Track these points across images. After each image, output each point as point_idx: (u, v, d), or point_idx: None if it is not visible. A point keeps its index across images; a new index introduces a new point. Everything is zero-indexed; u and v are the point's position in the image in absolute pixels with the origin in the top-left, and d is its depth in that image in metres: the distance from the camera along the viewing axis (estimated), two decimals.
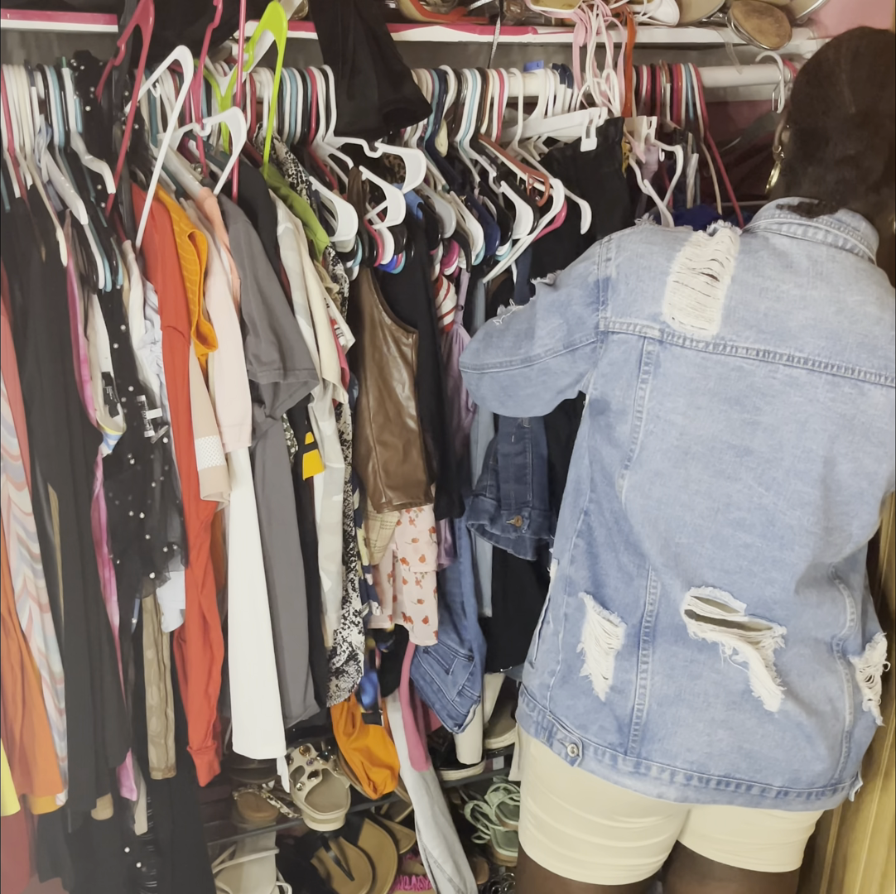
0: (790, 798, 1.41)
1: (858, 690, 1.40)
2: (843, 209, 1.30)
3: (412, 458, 1.62)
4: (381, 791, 2.01)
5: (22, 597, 1.45)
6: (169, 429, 1.47)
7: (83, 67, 1.49)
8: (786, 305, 1.27)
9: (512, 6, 1.72)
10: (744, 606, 1.35)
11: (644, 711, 1.38)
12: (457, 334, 1.69)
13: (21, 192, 1.46)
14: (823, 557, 1.35)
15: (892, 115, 1.26)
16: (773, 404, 1.28)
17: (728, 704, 1.37)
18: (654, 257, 1.30)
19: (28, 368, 1.39)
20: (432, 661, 1.87)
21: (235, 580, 1.54)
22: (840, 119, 1.27)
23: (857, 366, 1.26)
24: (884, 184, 1.29)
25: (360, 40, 1.56)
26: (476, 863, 2.17)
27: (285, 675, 1.59)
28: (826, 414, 1.27)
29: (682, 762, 1.37)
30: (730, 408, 1.29)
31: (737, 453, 1.30)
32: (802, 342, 1.26)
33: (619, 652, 1.39)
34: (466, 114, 1.72)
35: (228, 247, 1.44)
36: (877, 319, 1.26)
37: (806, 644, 1.37)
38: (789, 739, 1.37)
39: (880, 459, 1.29)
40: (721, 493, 1.32)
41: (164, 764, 1.62)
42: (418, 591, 1.74)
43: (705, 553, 1.34)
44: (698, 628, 1.35)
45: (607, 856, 1.53)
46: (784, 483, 1.30)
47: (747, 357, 1.27)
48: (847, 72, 1.28)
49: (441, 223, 1.61)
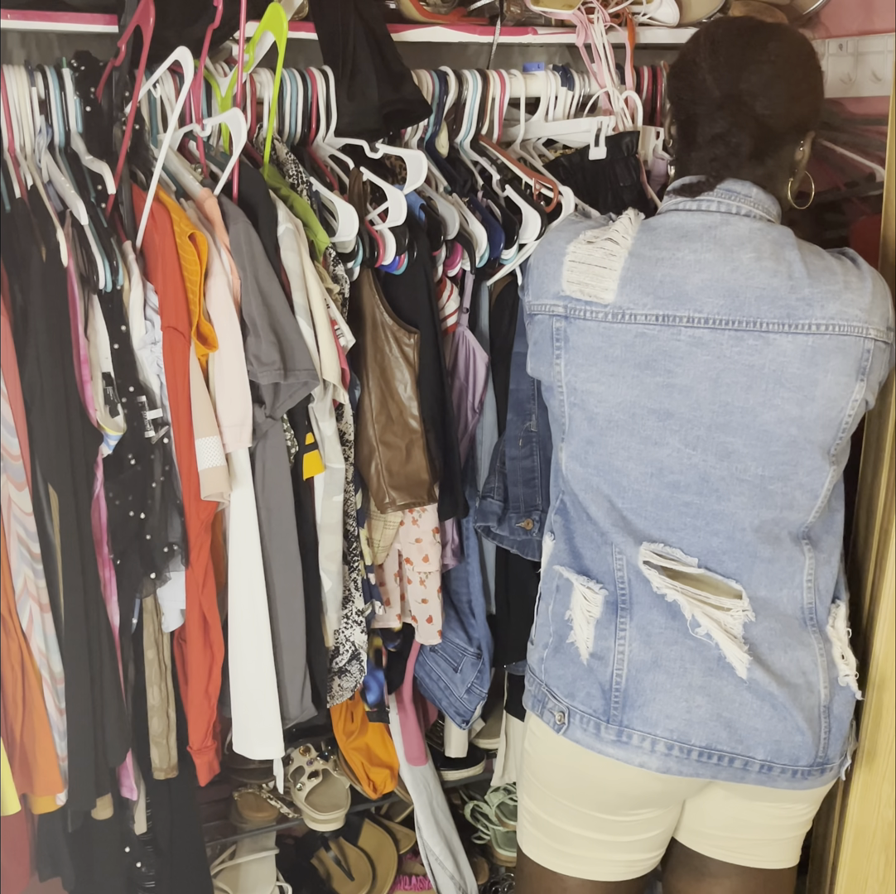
0: (774, 774, 1.40)
1: (834, 665, 1.41)
2: (733, 180, 1.36)
3: (415, 459, 1.63)
4: (380, 791, 2.01)
5: (22, 597, 1.45)
6: (169, 429, 1.47)
7: (83, 67, 1.49)
8: (681, 271, 1.32)
9: (512, 7, 1.73)
10: (695, 561, 1.39)
11: (623, 677, 1.41)
12: (463, 337, 1.70)
13: (21, 193, 1.46)
14: (773, 508, 1.37)
15: (752, 93, 1.33)
16: (683, 365, 1.33)
17: (705, 670, 1.39)
18: (557, 242, 1.40)
19: (28, 368, 1.39)
20: (439, 659, 1.88)
21: (235, 580, 1.54)
22: (706, 104, 1.35)
23: (758, 318, 1.30)
24: (767, 154, 1.36)
25: (360, 41, 1.56)
26: (476, 863, 2.17)
27: (283, 676, 1.59)
28: (735, 367, 1.32)
29: (663, 730, 1.39)
30: (641, 373, 1.34)
31: (658, 418, 1.35)
32: (701, 303, 1.31)
33: (599, 619, 1.43)
34: (467, 115, 1.73)
35: (229, 248, 1.44)
36: (773, 272, 1.31)
37: (776, 618, 1.39)
38: (767, 709, 1.38)
39: (801, 403, 1.32)
40: (652, 458, 1.37)
41: (166, 764, 1.62)
42: (422, 591, 1.75)
43: (649, 515, 1.39)
44: (661, 582, 1.39)
45: (602, 851, 1.53)
46: (708, 439, 1.34)
47: (647, 323, 1.33)
48: (706, 59, 1.35)
49: (444, 225, 1.61)
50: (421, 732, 2.01)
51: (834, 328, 1.30)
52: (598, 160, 1.74)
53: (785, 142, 1.37)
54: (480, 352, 1.70)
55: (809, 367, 1.31)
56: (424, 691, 1.93)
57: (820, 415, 1.33)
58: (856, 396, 1.33)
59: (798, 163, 1.40)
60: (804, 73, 1.37)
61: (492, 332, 1.73)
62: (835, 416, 1.33)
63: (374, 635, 1.80)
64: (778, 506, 1.37)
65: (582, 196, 1.69)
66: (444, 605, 1.78)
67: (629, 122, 1.78)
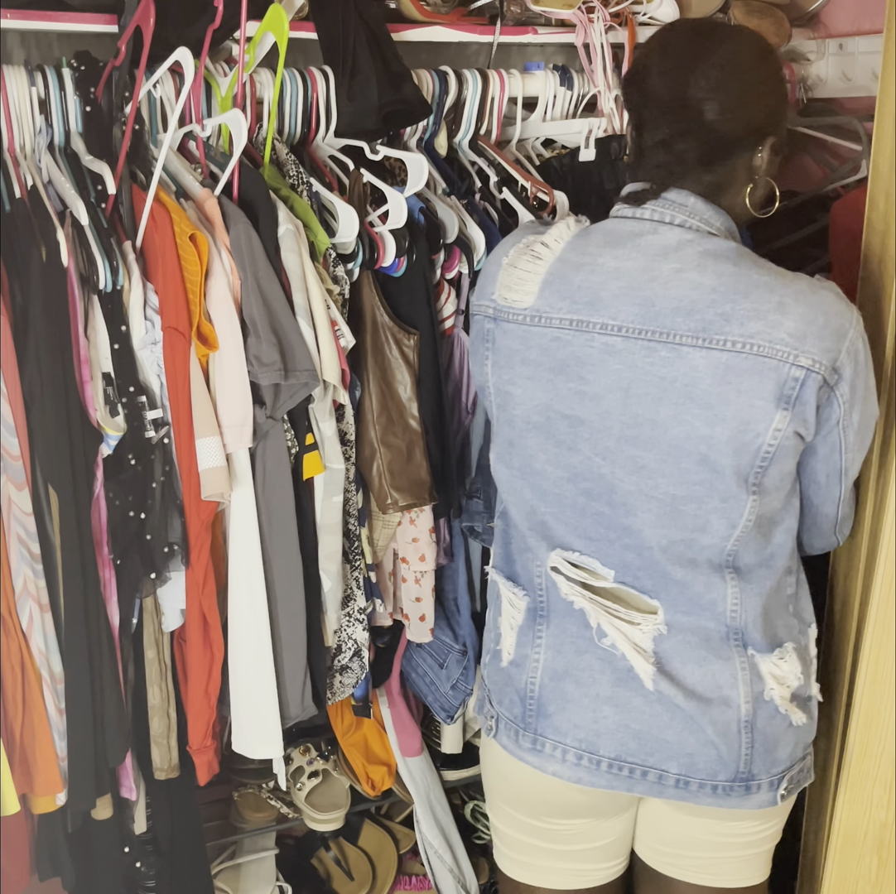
0: (693, 788, 1.37)
1: (760, 680, 1.36)
2: (674, 189, 1.31)
3: (416, 459, 1.63)
4: (379, 788, 2.01)
5: (22, 597, 1.45)
6: (170, 429, 1.47)
7: (83, 68, 1.49)
8: (600, 277, 1.29)
9: (512, 6, 1.73)
10: (612, 573, 1.36)
11: (536, 685, 1.41)
12: (458, 338, 1.70)
13: (21, 193, 1.46)
14: (683, 530, 1.30)
15: (699, 98, 1.27)
16: (595, 373, 1.29)
17: (614, 681, 1.37)
18: (504, 246, 1.39)
19: (28, 368, 1.39)
20: (426, 656, 1.89)
21: (235, 580, 1.54)
22: (653, 108, 1.30)
23: (672, 329, 1.25)
24: (716, 161, 1.30)
25: (360, 41, 1.56)
26: (476, 863, 2.17)
27: (283, 676, 1.59)
28: (646, 378, 1.26)
29: (572, 740, 1.39)
30: (555, 378, 1.32)
31: (570, 423, 1.32)
32: (616, 310, 1.27)
33: (521, 626, 1.43)
34: (466, 115, 1.73)
35: (229, 249, 1.44)
36: (695, 284, 1.25)
37: (694, 632, 1.35)
38: (678, 722, 1.35)
39: (711, 422, 1.25)
40: (567, 463, 1.34)
41: (167, 765, 1.62)
42: (417, 590, 1.75)
43: (569, 521, 1.36)
44: (569, 589, 1.37)
45: (551, 860, 1.53)
46: (617, 451, 1.30)
47: (562, 327, 1.30)
48: (656, 63, 1.31)
49: (443, 228, 1.61)
50: (415, 723, 2.01)
51: (752, 347, 1.22)
52: (587, 162, 1.73)
53: (738, 148, 1.30)
54: None
55: (721, 386, 1.23)
56: (411, 686, 1.95)
57: (731, 437, 1.25)
58: (777, 425, 1.24)
59: (757, 169, 1.33)
60: (757, 78, 1.29)
61: None
62: (749, 441, 1.25)
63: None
64: (689, 527, 1.30)
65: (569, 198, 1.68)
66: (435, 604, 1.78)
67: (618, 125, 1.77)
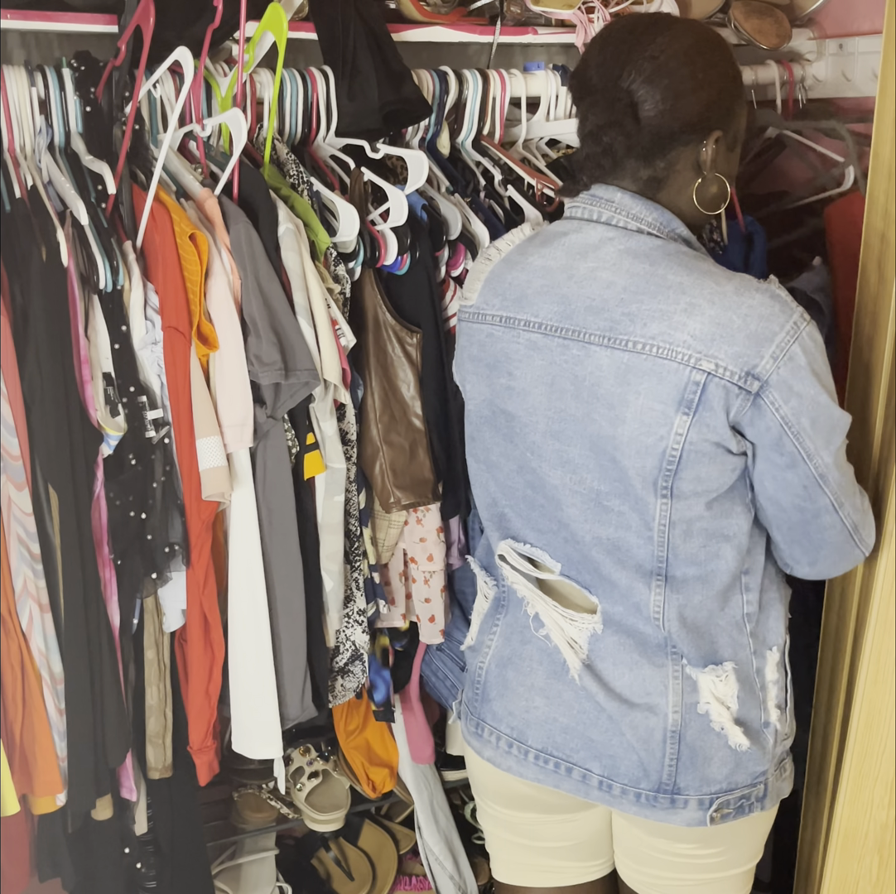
0: (615, 792, 1.35)
1: (695, 691, 1.32)
2: (602, 185, 1.31)
3: (419, 458, 1.63)
4: (380, 790, 2.01)
5: (22, 598, 1.45)
6: (170, 429, 1.47)
7: (83, 68, 1.49)
8: (528, 275, 1.33)
9: (512, 7, 1.73)
10: (559, 566, 1.38)
11: (484, 671, 1.46)
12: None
13: (21, 193, 1.46)
14: (608, 526, 1.30)
15: (632, 90, 1.25)
16: (521, 368, 1.32)
17: (550, 673, 1.39)
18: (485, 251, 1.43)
19: (28, 368, 1.39)
20: (446, 659, 1.88)
21: (236, 580, 1.54)
22: (588, 100, 1.29)
23: (583, 328, 1.26)
24: (654, 155, 1.28)
25: (360, 41, 1.56)
26: (476, 864, 2.17)
27: (283, 676, 1.59)
28: (564, 375, 1.28)
29: (506, 727, 1.42)
30: (491, 373, 1.36)
31: (507, 418, 1.35)
32: (538, 308, 1.30)
33: (485, 614, 1.49)
34: (468, 115, 1.73)
35: (229, 248, 1.44)
36: (608, 283, 1.25)
37: (630, 634, 1.34)
38: (604, 722, 1.35)
39: (613, 422, 1.25)
40: (513, 456, 1.37)
41: (161, 764, 1.62)
42: (426, 590, 1.75)
43: (521, 513, 1.39)
44: (513, 577, 1.40)
45: (528, 856, 1.54)
46: (543, 445, 1.32)
47: (494, 324, 1.35)
48: (595, 56, 1.30)
49: (446, 225, 1.61)
50: (429, 731, 2.01)
51: (652, 349, 1.21)
52: None
53: (677, 142, 1.27)
54: None
55: (621, 386, 1.23)
56: (431, 690, 1.93)
57: (633, 438, 1.24)
58: (678, 430, 1.21)
59: (704, 164, 1.29)
60: (693, 69, 1.25)
61: None
62: (652, 444, 1.23)
63: (381, 634, 1.80)
64: (613, 524, 1.30)
65: None
66: (448, 605, 1.78)
67: None
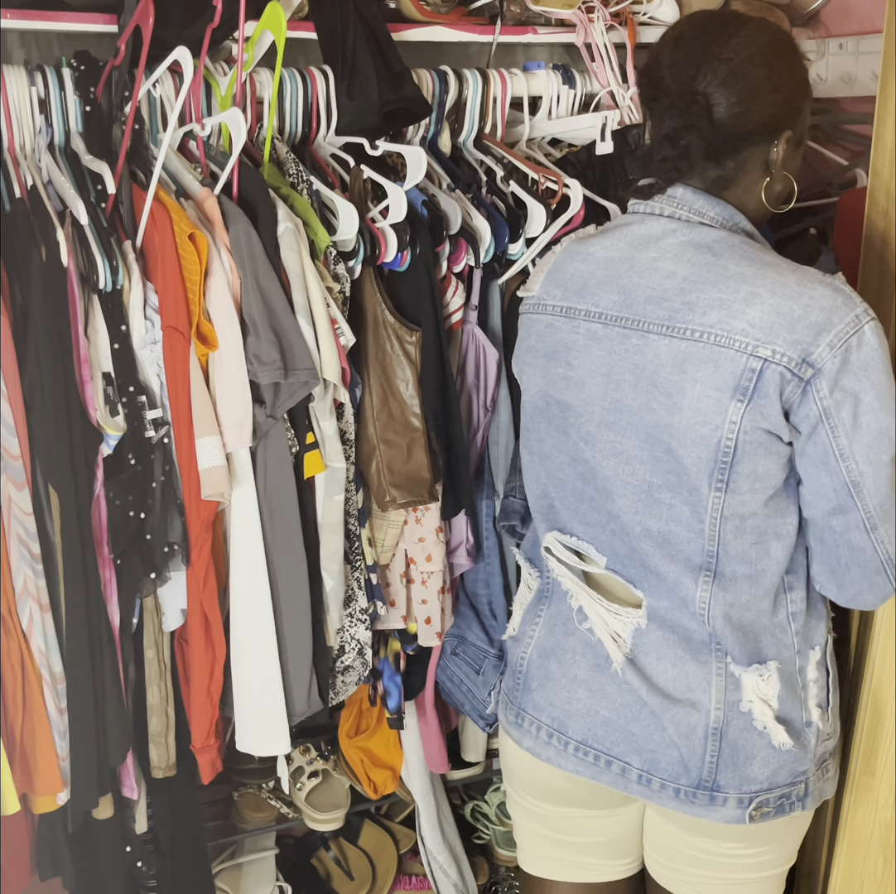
0: (654, 787, 1.36)
1: (738, 689, 1.33)
2: (678, 186, 1.31)
3: (416, 457, 1.62)
4: (381, 791, 2.00)
5: (22, 597, 1.45)
6: (169, 429, 1.47)
7: (83, 67, 1.49)
8: (589, 266, 1.35)
9: (512, 6, 1.73)
10: (605, 559, 1.39)
11: (526, 661, 1.46)
12: (472, 334, 1.68)
13: (21, 192, 1.46)
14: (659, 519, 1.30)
15: (707, 92, 1.26)
16: (580, 358, 1.33)
17: (593, 665, 1.40)
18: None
19: (28, 368, 1.39)
20: (461, 663, 1.85)
21: (238, 579, 1.54)
22: (662, 102, 1.29)
23: (643, 317, 1.28)
24: (726, 156, 1.29)
25: (359, 40, 1.56)
26: (476, 863, 2.17)
27: (289, 673, 1.59)
28: (623, 365, 1.30)
29: (546, 717, 1.42)
30: (548, 363, 1.37)
31: (560, 408, 1.37)
32: (598, 298, 1.32)
33: (528, 605, 1.50)
34: (468, 114, 1.73)
35: (229, 248, 1.44)
36: (668, 273, 1.27)
37: (675, 630, 1.34)
38: (646, 716, 1.35)
39: (671, 411, 1.26)
40: (565, 447, 1.38)
41: (164, 763, 1.62)
42: (423, 592, 1.74)
43: (570, 505, 1.40)
44: (559, 569, 1.41)
45: (556, 850, 1.55)
46: (597, 435, 1.33)
47: (554, 314, 1.37)
48: (667, 56, 1.29)
49: (446, 219, 1.61)
50: (443, 739, 1.99)
51: (710, 337, 1.22)
52: (605, 155, 1.74)
53: (749, 142, 1.29)
54: (491, 350, 1.68)
55: (678, 374, 1.25)
56: (447, 696, 1.90)
57: (689, 427, 1.25)
58: (732, 418, 1.22)
59: (773, 163, 1.31)
60: (769, 71, 1.26)
61: (505, 331, 1.71)
62: (708, 434, 1.24)
63: (392, 638, 1.79)
64: (664, 517, 1.30)
65: (592, 192, 1.69)
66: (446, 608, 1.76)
67: (635, 116, 1.78)
